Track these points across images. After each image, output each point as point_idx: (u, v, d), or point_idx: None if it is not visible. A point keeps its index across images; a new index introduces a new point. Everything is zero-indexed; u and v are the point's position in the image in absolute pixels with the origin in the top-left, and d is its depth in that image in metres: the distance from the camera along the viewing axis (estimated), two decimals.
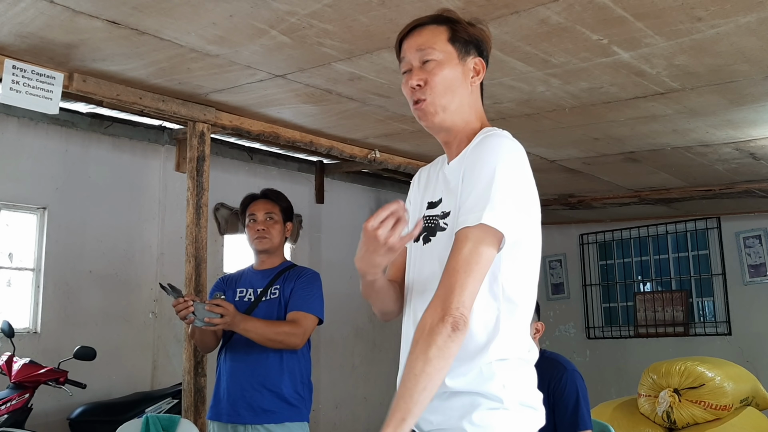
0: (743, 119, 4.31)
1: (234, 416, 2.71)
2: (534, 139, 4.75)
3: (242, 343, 2.74)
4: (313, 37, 3.03)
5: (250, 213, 2.93)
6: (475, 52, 1.61)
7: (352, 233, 6.41)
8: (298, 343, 2.70)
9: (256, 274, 2.93)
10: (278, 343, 2.67)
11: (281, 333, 2.66)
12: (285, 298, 2.79)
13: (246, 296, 2.86)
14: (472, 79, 1.61)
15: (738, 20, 2.84)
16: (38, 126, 4.52)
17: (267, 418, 2.67)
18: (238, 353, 2.78)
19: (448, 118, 1.59)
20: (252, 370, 2.72)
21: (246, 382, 2.72)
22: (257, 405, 2.68)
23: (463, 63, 1.59)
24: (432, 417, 1.51)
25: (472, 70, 1.60)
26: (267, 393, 2.69)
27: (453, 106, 1.59)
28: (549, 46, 3.12)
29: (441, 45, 1.59)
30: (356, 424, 6.29)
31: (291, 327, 2.69)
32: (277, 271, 2.88)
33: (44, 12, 2.78)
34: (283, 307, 2.77)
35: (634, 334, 7.76)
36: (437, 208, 1.60)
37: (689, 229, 7.57)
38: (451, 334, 1.34)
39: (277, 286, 2.82)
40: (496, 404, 1.45)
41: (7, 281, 4.48)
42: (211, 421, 2.80)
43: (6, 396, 3.78)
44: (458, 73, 1.59)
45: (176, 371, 4.86)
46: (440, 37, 1.60)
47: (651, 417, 4.34)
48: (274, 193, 3.00)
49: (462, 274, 1.38)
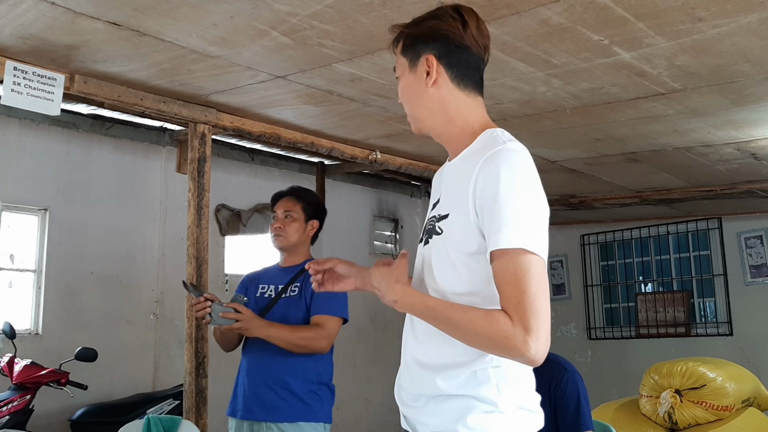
0: (744, 119, 4.30)
1: (248, 413, 2.71)
2: (535, 140, 4.75)
3: (260, 341, 2.72)
4: (314, 38, 3.04)
5: (273, 210, 2.97)
6: (426, 49, 1.55)
7: (352, 234, 6.41)
8: (323, 347, 2.69)
9: (278, 271, 2.95)
10: (303, 348, 2.67)
11: (305, 338, 2.66)
12: (305, 296, 2.77)
13: (267, 293, 2.86)
14: (427, 81, 1.55)
15: (739, 20, 2.84)
16: (39, 127, 4.53)
17: (279, 416, 2.65)
18: (254, 350, 2.77)
19: (423, 125, 1.62)
20: (266, 367, 2.72)
21: (260, 379, 2.71)
22: (269, 402, 2.67)
23: (414, 70, 1.58)
24: (427, 420, 1.50)
25: (424, 72, 1.56)
26: (280, 390, 2.68)
27: (420, 114, 1.61)
28: (550, 46, 3.12)
29: (398, 59, 1.62)
30: (357, 425, 6.29)
31: (315, 331, 2.68)
32: (299, 268, 2.87)
33: (45, 13, 2.78)
34: (303, 304, 2.76)
35: (636, 334, 7.76)
36: (435, 209, 1.60)
37: (690, 230, 7.56)
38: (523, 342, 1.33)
39: (297, 284, 2.82)
40: (490, 407, 1.43)
41: (8, 282, 4.48)
42: (229, 417, 2.79)
43: (7, 397, 3.79)
44: (411, 82, 1.59)
45: (178, 372, 4.86)
46: (398, 51, 1.62)
47: (652, 418, 4.34)
48: (299, 191, 3.01)
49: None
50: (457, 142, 1.58)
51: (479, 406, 1.44)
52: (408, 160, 5.42)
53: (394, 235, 7.07)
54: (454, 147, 1.60)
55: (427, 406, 1.51)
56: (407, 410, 1.58)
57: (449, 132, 1.59)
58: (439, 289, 1.51)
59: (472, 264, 1.45)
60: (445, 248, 1.49)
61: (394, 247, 7.04)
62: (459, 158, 1.57)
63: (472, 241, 1.44)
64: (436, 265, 1.52)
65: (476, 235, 1.43)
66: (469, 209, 1.43)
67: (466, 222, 1.44)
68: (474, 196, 1.42)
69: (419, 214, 7.32)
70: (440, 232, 1.52)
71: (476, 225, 1.43)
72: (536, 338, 1.31)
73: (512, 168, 1.40)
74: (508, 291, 1.35)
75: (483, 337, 1.36)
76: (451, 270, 1.48)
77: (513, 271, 1.34)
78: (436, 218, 1.56)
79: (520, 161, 1.42)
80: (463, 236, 1.45)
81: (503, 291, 1.36)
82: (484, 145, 1.50)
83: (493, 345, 1.35)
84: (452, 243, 1.48)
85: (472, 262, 1.45)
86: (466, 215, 1.44)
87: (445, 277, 1.50)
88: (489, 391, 1.43)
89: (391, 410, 6.39)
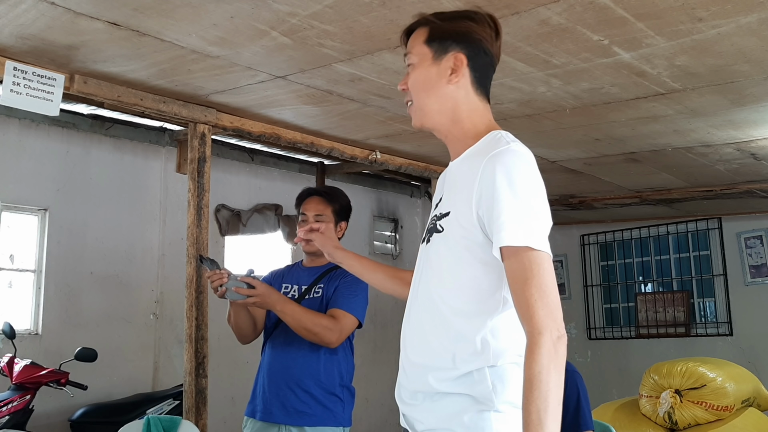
0: (744, 119, 4.31)
1: (267, 415, 2.64)
2: (535, 140, 4.75)
3: (281, 341, 2.69)
4: (313, 38, 3.04)
5: (302, 211, 2.85)
6: (456, 47, 1.56)
7: (352, 234, 6.41)
8: (333, 340, 2.59)
9: (303, 271, 2.88)
10: (313, 335, 2.56)
11: (318, 325, 2.55)
12: (327, 297, 2.71)
13: (290, 292, 2.79)
14: (450, 78, 1.56)
15: (739, 20, 2.84)
16: (39, 127, 4.53)
17: (300, 420, 2.59)
18: (276, 350, 2.71)
19: (428, 119, 1.60)
20: (288, 368, 2.65)
21: (281, 381, 2.64)
22: (290, 405, 2.61)
23: (438, 63, 1.57)
24: (424, 417, 1.51)
25: (450, 68, 1.56)
26: (301, 393, 2.61)
27: (430, 107, 1.59)
28: (550, 46, 3.12)
29: (417, 48, 1.60)
30: (358, 426, 6.27)
31: (330, 322, 2.59)
32: (324, 270, 2.81)
33: (45, 14, 2.78)
34: (324, 306, 2.69)
35: (636, 334, 7.76)
36: (437, 208, 1.61)
37: (690, 230, 7.56)
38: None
39: (320, 285, 2.76)
40: (486, 406, 1.44)
41: (8, 283, 4.48)
42: (246, 417, 2.74)
43: (7, 397, 3.79)
44: (431, 74, 1.57)
45: (177, 372, 4.86)
46: (419, 40, 1.60)
47: (652, 418, 4.34)
48: (329, 192, 2.90)
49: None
50: (459, 143, 1.59)
51: (475, 405, 1.44)
52: (408, 160, 5.42)
53: (394, 235, 7.07)
54: (455, 147, 1.61)
55: (424, 404, 1.52)
56: (405, 408, 1.59)
57: (453, 132, 1.60)
58: (440, 284, 1.52)
59: (471, 259, 1.47)
60: (446, 244, 1.51)
61: (394, 247, 7.04)
62: (461, 158, 1.58)
63: (473, 237, 1.46)
64: (437, 262, 1.53)
65: (478, 232, 1.45)
66: (471, 207, 1.45)
67: (468, 219, 1.46)
68: (478, 194, 1.44)
69: (419, 214, 7.32)
70: (441, 230, 1.53)
71: (478, 223, 1.45)
72: (560, 333, 1.34)
73: (516, 168, 1.42)
74: (521, 290, 1.37)
75: (546, 358, 1.33)
76: (453, 264, 1.50)
77: (523, 270, 1.37)
78: (437, 217, 1.57)
79: (523, 162, 1.44)
80: (464, 231, 1.47)
81: (516, 291, 1.38)
82: (488, 145, 1.51)
83: (547, 355, 1.32)
84: (453, 238, 1.49)
85: (471, 256, 1.47)
86: (468, 213, 1.46)
87: (446, 272, 1.51)
88: (485, 391, 1.44)
89: (390, 410, 6.39)
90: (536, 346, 1.31)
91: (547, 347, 1.31)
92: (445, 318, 1.50)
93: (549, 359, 1.30)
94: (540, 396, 1.28)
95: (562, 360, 1.33)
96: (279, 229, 5.89)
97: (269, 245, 5.91)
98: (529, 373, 1.30)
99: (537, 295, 1.34)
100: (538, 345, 1.31)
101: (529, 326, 1.34)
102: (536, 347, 1.31)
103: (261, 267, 5.45)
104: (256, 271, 2.63)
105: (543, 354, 1.30)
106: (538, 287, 1.35)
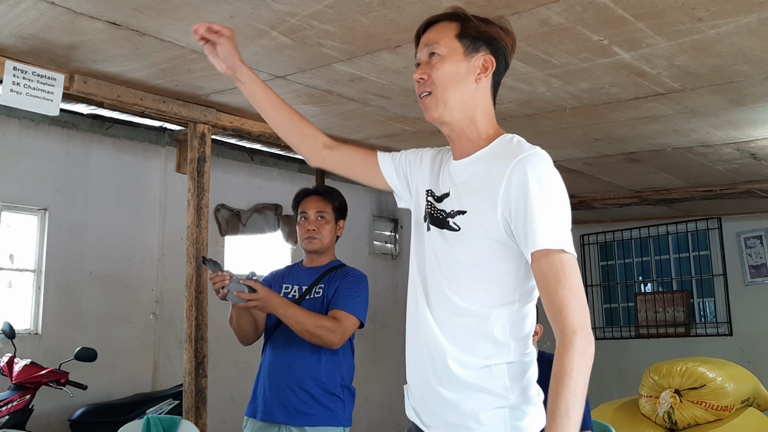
0: (744, 119, 4.31)
1: (268, 415, 2.64)
2: (535, 140, 4.67)
3: (282, 341, 2.69)
4: (313, 38, 3.04)
5: (301, 210, 2.85)
6: (486, 49, 1.59)
7: (352, 234, 6.41)
8: (336, 341, 2.59)
9: (303, 271, 2.87)
10: (316, 337, 2.56)
11: (320, 327, 2.55)
12: (328, 297, 2.71)
13: (291, 293, 2.79)
14: (478, 76, 1.58)
15: (738, 20, 2.84)
16: (39, 127, 4.53)
17: (301, 420, 2.59)
18: (277, 350, 2.71)
19: (448, 113, 1.59)
20: (289, 368, 2.66)
21: (282, 381, 2.65)
22: (291, 405, 2.61)
23: (469, 59, 1.58)
24: (439, 410, 1.53)
25: (479, 67, 1.58)
26: (302, 393, 2.61)
27: (453, 102, 1.58)
28: (549, 46, 3.12)
29: (447, 40, 1.59)
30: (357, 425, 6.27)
31: (332, 324, 2.58)
32: (324, 270, 2.81)
33: (45, 13, 2.78)
34: (325, 306, 2.69)
35: (635, 334, 7.76)
36: (443, 203, 1.60)
37: (690, 230, 7.57)
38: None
39: (321, 285, 2.76)
40: (502, 402, 1.47)
41: (8, 282, 4.48)
42: (247, 417, 2.74)
43: (7, 397, 3.79)
44: (461, 69, 1.58)
45: (177, 372, 4.86)
46: (448, 33, 1.60)
47: (652, 418, 4.34)
48: (328, 190, 2.92)
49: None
50: (470, 143, 1.60)
51: (491, 401, 1.47)
52: None
53: (393, 235, 7.07)
54: (464, 146, 1.61)
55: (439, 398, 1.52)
56: (415, 402, 1.61)
57: (467, 131, 1.61)
58: (455, 281, 1.53)
59: (490, 257, 1.51)
60: (463, 243, 1.53)
61: (393, 247, 7.04)
62: (473, 159, 1.59)
63: (494, 236, 1.49)
64: (453, 259, 1.54)
65: (500, 232, 1.48)
66: (496, 208, 1.48)
67: (490, 219, 1.49)
68: (505, 196, 1.47)
69: None
70: (457, 228, 1.54)
71: (501, 223, 1.48)
72: (588, 331, 1.43)
73: (546, 172, 1.47)
74: (553, 291, 1.42)
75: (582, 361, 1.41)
76: (471, 262, 1.52)
77: (555, 272, 1.42)
78: (446, 213, 1.57)
79: (551, 166, 1.50)
80: (484, 231, 1.50)
81: (549, 292, 1.43)
82: (506, 149, 1.54)
83: (580, 353, 1.40)
84: (472, 237, 1.51)
85: (489, 255, 1.50)
86: (491, 214, 1.49)
87: (463, 269, 1.53)
88: (501, 387, 1.48)
89: (390, 410, 6.40)
90: (570, 344, 1.38)
91: (580, 346, 1.38)
92: (460, 314, 1.52)
93: (581, 357, 1.38)
94: (570, 391, 1.35)
95: (591, 360, 1.40)
96: (279, 229, 5.89)
97: (269, 245, 5.91)
98: (561, 368, 1.37)
99: (569, 296, 1.41)
100: (573, 343, 1.38)
101: (562, 325, 1.40)
102: (570, 345, 1.38)
103: (261, 267, 5.46)
104: (256, 271, 2.63)
105: (576, 352, 1.38)
106: (570, 288, 1.41)
